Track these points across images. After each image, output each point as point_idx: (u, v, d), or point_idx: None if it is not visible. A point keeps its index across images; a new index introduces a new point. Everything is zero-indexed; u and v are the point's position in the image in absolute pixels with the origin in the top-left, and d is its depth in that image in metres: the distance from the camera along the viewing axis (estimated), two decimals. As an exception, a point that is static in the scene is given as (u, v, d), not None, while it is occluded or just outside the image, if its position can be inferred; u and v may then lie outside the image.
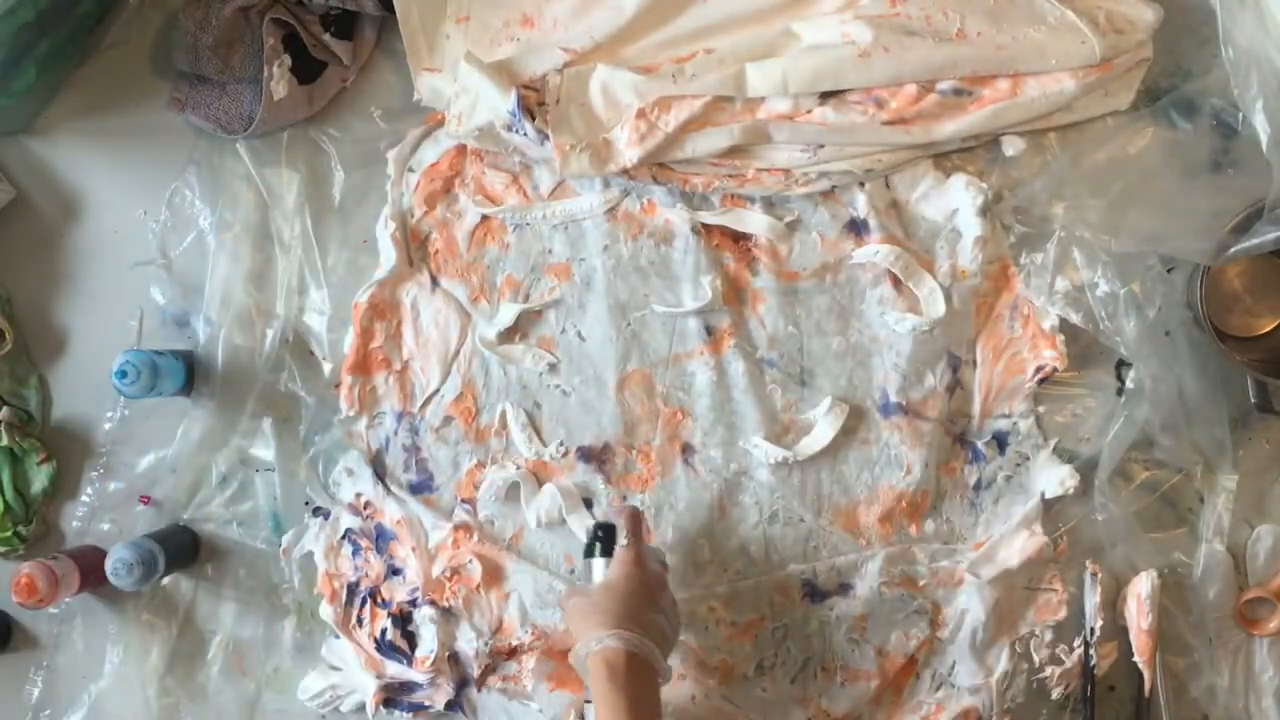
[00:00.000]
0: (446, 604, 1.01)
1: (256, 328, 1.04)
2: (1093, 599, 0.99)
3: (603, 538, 0.92)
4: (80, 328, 1.07)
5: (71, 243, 1.06)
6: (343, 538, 1.04)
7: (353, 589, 1.03)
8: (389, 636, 1.02)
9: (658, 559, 0.92)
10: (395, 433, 1.03)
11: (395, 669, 1.02)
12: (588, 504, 1.02)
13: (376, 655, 1.02)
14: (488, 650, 1.02)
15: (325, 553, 1.03)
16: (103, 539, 1.05)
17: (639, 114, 0.96)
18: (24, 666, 1.06)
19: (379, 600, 1.03)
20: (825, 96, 0.96)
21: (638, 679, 0.81)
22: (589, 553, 0.92)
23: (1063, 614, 0.99)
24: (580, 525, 1.01)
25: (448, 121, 0.99)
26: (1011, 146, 0.99)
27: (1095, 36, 0.94)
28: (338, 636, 1.04)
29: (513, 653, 1.02)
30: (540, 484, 1.02)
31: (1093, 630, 0.99)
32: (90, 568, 1.00)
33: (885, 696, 1.00)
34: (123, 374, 0.97)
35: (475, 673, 1.02)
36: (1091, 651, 0.99)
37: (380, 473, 1.04)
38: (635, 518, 0.91)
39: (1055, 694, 0.99)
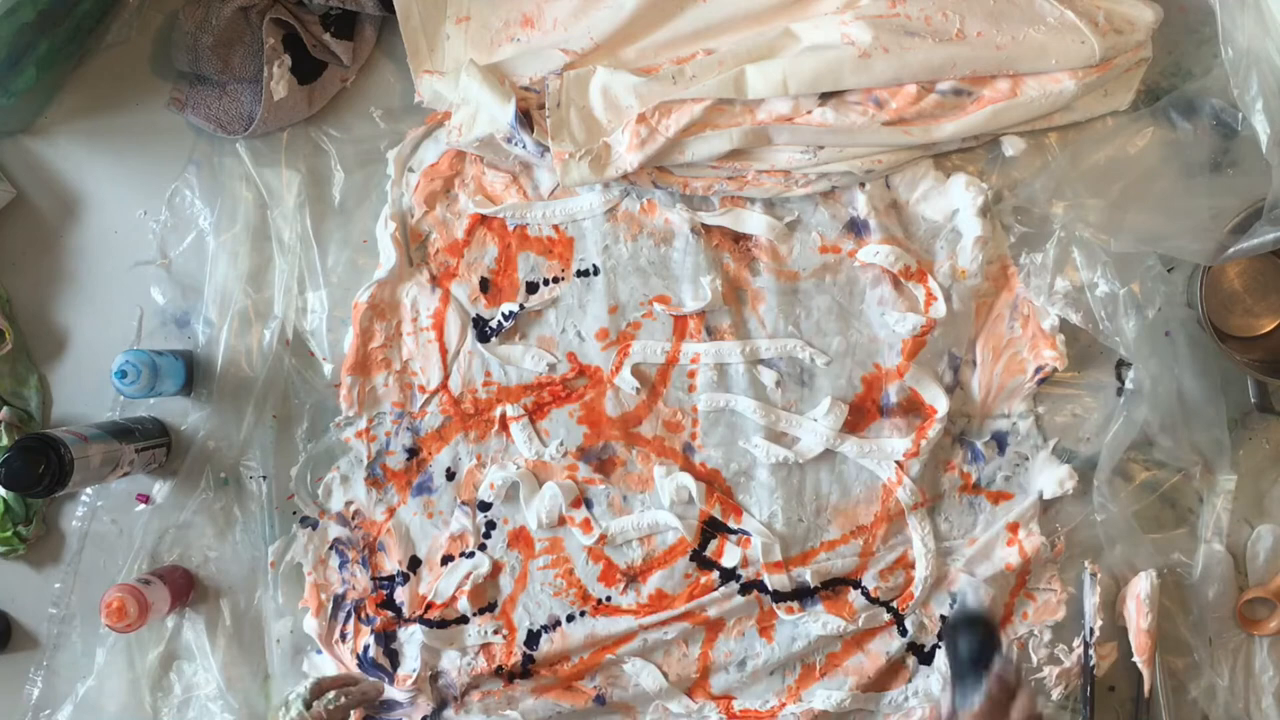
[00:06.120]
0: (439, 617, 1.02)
1: (256, 328, 1.04)
2: (1092, 599, 0.99)
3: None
4: (80, 328, 1.06)
5: (71, 243, 1.06)
6: (330, 548, 1.04)
7: (339, 601, 1.03)
8: (371, 654, 1.02)
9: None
10: (395, 433, 1.03)
11: None
12: (588, 504, 1.02)
13: (358, 672, 1.02)
14: (470, 670, 1.02)
15: (313, 565, 1.03)
16: (103, 539, 1.05)
17: (639, 119, 0.96)
18: (24, 666, 1.06)
19: (363, 616, 1.03)
20: (825, 97, 0.96)
21: None
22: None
23: (1061, 614, 0.99)
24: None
25: (449, 132, 0.99)
26: (1011, 146, 0.99)
27: (1095, 36, 0.94)
28: (320, 651, 1.04)
29: (498, 672, 1.02)
30: (540, 484, 1.02)
31: (1092, 630, 0.99)
32: (179, 589, 1.02)
33: (871, 694, 1.01)
34: (123, 374, 0.97)
35: (458, 690, 1.02)
36: (1091, 652, 0.99)
37: (379, 474, 1.04)
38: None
39: (1055, 694, 0.99)
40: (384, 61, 1.05)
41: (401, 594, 1.02)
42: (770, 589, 1.00)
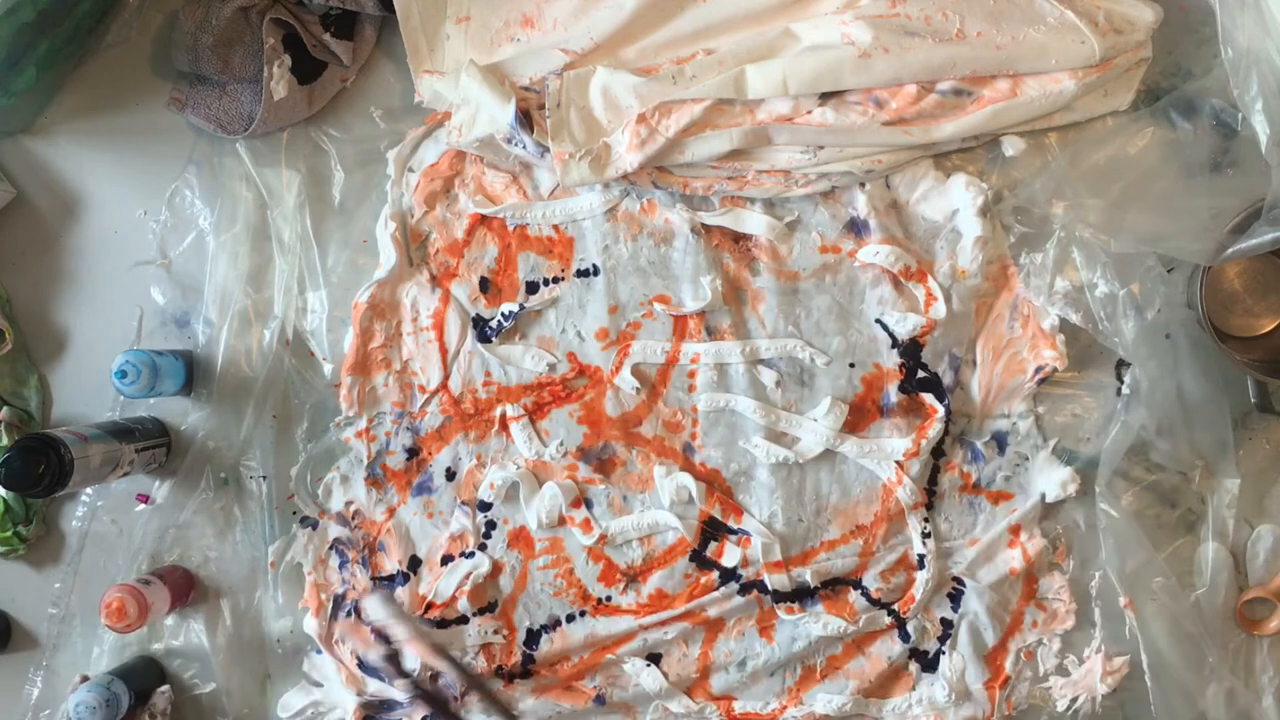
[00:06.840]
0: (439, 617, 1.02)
1: (256, 328, 1.04)
2: (1096, 602, 0.99)
3: None
4: (80, 328, 1.06)
5: (71, 243, 1.06)
6: (330, 548, 1.03)
7: (339, 601, 1.03)
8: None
9: None
10: (395, 433, 1.03)
11: (376, 686, 1.02)
12: (588, 504, 1.02)
13: (358, 672, 1.02)
14: (469, 669, 1.01)
15: (314, 565, 1.03)
16: (103, 539, 1.05)
17: (639, 119, 0.96)
18: (24, 666, 1.06)
19: (364, 616, 1.03)
20: (825, 97, 0.96)
21: None
22: None
23: (1070, 623, 0.99)
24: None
25: (449, 132, 0.99)
26: (1011, 146, 0.99)
27: (1095, 36, 0.94)
28: (320, 651, 1.04)
29: (498, 672, 1.02)
30: (540, 484, 1.02)
31: (1100, 641, 0.98)
32: (179, 589, 1.02)
33: (874, 700, 1.01)
34: (123, 374, 0.97)
35: (458, 690, 1.02)
36: (1095, 657, 0.99)
37: (379, 474, 1.04)
38: None
39: (1061, 703, 0.99)
40: (384, 61, 1.05)
41: (401, 594, 1.02)
42: (770, 589, 1.00)
